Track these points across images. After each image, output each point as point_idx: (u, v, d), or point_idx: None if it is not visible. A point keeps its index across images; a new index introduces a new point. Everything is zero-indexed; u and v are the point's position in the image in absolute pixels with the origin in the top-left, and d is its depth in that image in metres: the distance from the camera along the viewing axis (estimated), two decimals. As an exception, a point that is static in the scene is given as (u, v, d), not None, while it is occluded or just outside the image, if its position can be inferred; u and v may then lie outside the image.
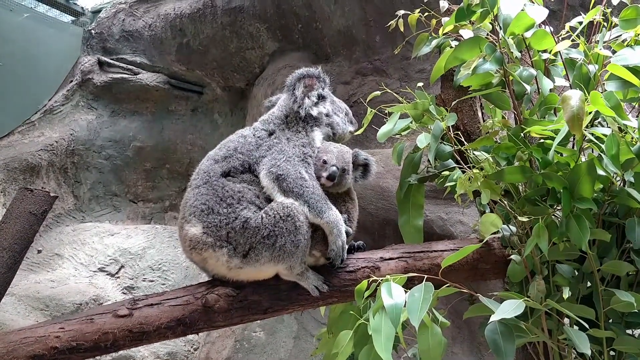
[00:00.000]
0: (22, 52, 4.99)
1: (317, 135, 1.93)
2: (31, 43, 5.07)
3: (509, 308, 1.45)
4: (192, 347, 3.85)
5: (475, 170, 1.78)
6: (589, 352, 1.48)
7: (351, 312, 1.73)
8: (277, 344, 3.62)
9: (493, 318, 1.43)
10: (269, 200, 1.74)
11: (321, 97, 1.97)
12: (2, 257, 1.76)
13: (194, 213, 1.72)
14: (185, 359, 3.86)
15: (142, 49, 5.42)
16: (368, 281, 1.57)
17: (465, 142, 1.96)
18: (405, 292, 1.51)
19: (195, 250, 1.71)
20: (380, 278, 1.55)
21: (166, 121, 5.22)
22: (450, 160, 1.99)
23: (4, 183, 4.33)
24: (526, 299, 1.51)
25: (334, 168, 1.84)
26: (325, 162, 1.86)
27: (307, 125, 1.92)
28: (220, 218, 1.68)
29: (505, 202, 1.84)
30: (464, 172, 1.88)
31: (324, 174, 1.84)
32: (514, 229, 1.89)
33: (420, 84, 2.05)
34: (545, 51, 1.84)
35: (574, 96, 1.46)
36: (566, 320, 1.79)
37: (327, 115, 1.97)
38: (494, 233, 1.91)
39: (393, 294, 1.47)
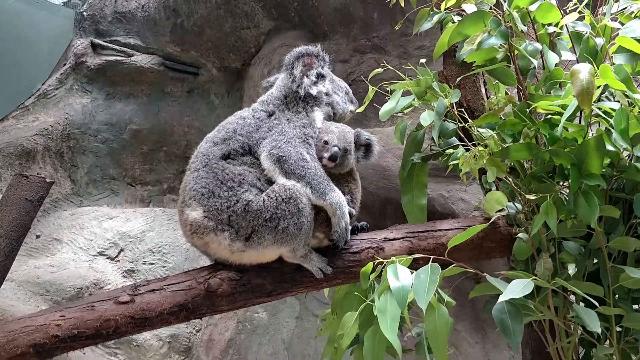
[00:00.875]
0: (13, 35, 4.90)
1: (318, 115, 1.89)
2: (22, 26, 4.97)
3: (518, 287, 1.43)
4: (194, 328, 3.86)
5: (480, 148, 1.74)
6: (599, 330, 1.47)
7: (356, 292, 1.71)
8: (280, 325, 3.62)
9: (502, 298, 1.41)
10: (270, 182, 1.71)
11: (320, 76, 1.92)
12: (-1, 245, 1.73)
13: (194, 197, 1.69)
14: (187, 341, 3.87)
15: (136, 30, 5.32)
16: (373, 263, 1.54)
17: (469, 119, 1.92)
18: (411, 272, 1.49)
19: (196, 234, 1.68)
20: (386, 260, 1.52)
21: (162, 103, 5.15)
22: (454, 138, 1.96)
23: (0, 169, 4.28)
24: (534, 277, 1.49)
25: (336, 148, 1.80)
26: (326, 142, 1.82)
27: (307, 105, 1.87)
28: (221, 201, 1.65)
29: (511, 180, 1.81)
30: (468, 149, 1.85)
31: (326, 155, 1.80)
32: (519, 206, 1.86)
33: (423, 60, 2.01)
34: (550, 24, 1.79)
35: (583, 70, 1.42)
36: (572, 298, 1.78)
37: (327, 94, 1.92)
38: (499, 211, 1.89)
39: (399, 275, 1.45)
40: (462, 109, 2.03)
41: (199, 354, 3.75)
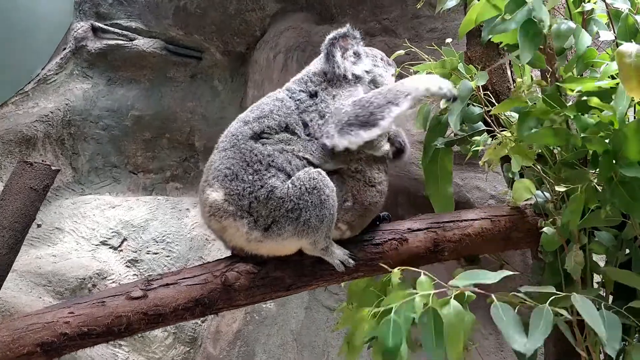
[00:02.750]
0: (10, 18, 4.77)
1: (361, 91, 1.80)
2: (20, 9, 4.83)
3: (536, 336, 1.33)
4: (199, 319, 3.79)
5: (505, 134, 1.65)
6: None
7: (371, 288, 1.63)
8: (288, 315, 3.55)
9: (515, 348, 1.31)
10: (302, 166, 1.62)
11: (357, 55, 1.84)
12: (2, 237, 1.64)
13: (217, 177, 1.61)
14: (192, 332, 3.80)
15: (137, 13, 5.19)
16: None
17: (495, 103, 1.83)
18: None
19: (214, 217, 1.61)
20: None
21: (165, 88, 5.03)
22: (480, 122, 1.86)
23: (0, 156, 4.18)
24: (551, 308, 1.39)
25: None
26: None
27: (350, 82, 1.79)
28: (244, 185, 1.57)
29: (539, 168, 1.72)
30: (493, 136, 1.77)
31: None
32: (547, 194, 1.78)
33: (449, 40, 1.91)
34: (587, 1, 1.69)
35: (631, 50, 1.31)
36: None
37: (368, 72, 1.85)
38: (527, 200, 1.81)
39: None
40: (488, 92, 1.94)
41: (206, 345, 3.69)
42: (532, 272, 1.87)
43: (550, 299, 1.38)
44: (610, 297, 1.69)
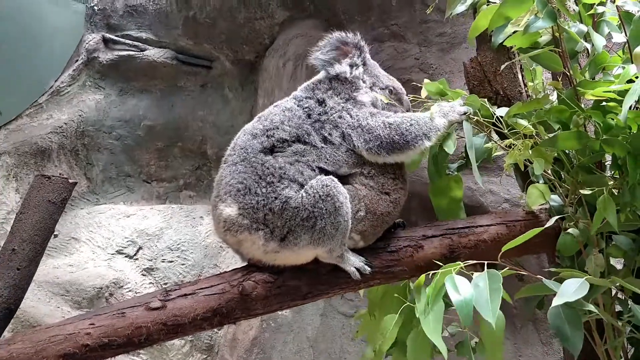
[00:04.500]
0: (24, 31, 4.83)
1: (366, 97, 1.81)
2: (33, 22, 4.90)
3: (572, 289, 1.33)
4: (211, 329, 3.81)
5: (527, 140, 1.64)
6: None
7: (395, 294, 1.63)
8: (304, 322, 3.55)
9: (556, 302, 1.31)
10: (314, 175, 1.62)
11: (355, 66, 1.81)
12: (23, 250, 1.66)
13: (229, 192, 1.61)
14: (209, 339, 3.82)
15: (148, 24, 5.24)
16: (428, 275, 1.46)
17: (506, 107, 1.82)
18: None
19: (230, 232, 1.61)
20: (439, 271, 1.42)
21: (176, 98, 5.07)
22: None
23: (16, 168, 4.24)
24: (589, 276, 1.39)
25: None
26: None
27: (351, 88, 1.79)
28: (258, 199, 1.58)
29: (555, 171, 1.72)
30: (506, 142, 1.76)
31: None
32: (558, 199, 1.77)
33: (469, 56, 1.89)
34: (598, 4, 1.68)
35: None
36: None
37: (364, 81, 1.83)
38: (541, 205, 1.80)
39: (459, 288, 1.35)
40: (498, 96, 1.94)
41: (223, 353, 3.70)
42: (549, 278, 1.86)
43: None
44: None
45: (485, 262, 1.41)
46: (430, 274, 1.46)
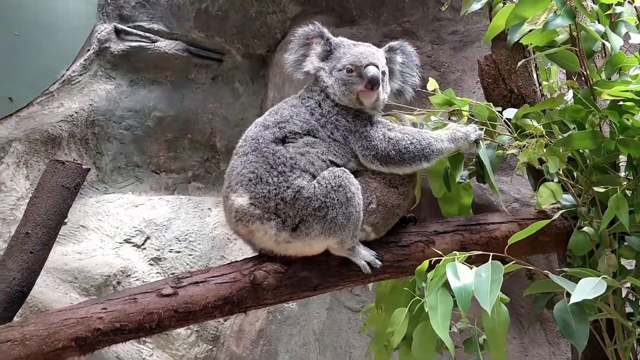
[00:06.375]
0: (36, 20, 4.85)
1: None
2: (45, 11, 4.91)
3: (588, 287, 1.33)
4: (222, 318, 3.83)
5: (541, 140, 1.64)
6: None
7: (405, 288, 1.64)
8: (310, 315, 3.56)
9: (574, 299, 1.32)
10: (325, 167, 1.63)
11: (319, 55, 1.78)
12: (36, 234, 1.68)
13: (240, 182, 1.61)
14: (215, 330, 3.84)
15: (160, 15, 5.25)
16: (430, 261, 1.46)
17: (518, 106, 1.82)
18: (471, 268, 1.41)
19: (241, 222, 1.62)
20: (442, 257, 1.44)
21: (186, 90, 5.08)
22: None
23: (26, 155, 4.26)
24: (604, 276, 1.39)
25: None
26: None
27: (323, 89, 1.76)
28: (270, 188, 1.58)
29: (563, 171, 1.72)
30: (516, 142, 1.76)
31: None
32: (570, 198, 1.77)
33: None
34: (616, 4, 1.68)
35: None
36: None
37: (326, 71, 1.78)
38: (553, 204, 1.79)
39: (460, 274, 1.36)
40: (512, 95, 1.94)
41: (229, 344, 3.72)
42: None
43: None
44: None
45: (491, 254, 1.41)
46: (433, 261, 1.46)
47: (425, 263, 1.46)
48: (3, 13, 4.67)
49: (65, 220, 3.96)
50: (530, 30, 1.71)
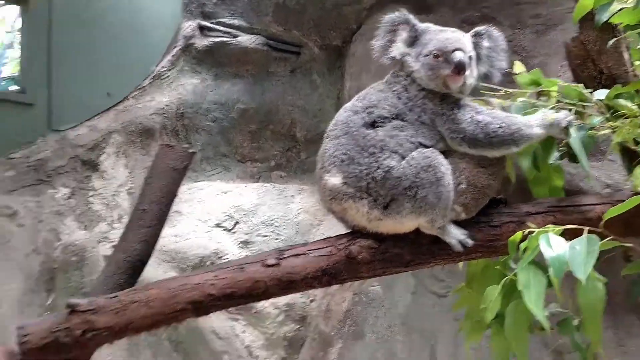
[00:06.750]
0: (129, 22, 5.23)
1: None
2: (136, 13, 5.28)
3: None
4: (308, 298, 4.03)
5: (636, 118, 1.62)
6: None
7: (497, 267, 1.67)
8: (395, 299, 3.65)
9: None
10: (414, 149, 1.69)
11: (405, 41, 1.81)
12: (152, 210, 1.87)
13: (333, 163, 1.71)
14: (302, 310, 4.03)
15: (240, 11, 5.46)
16: (523, 232, 1.49)
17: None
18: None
19: (335, 200, 1.71)
20: (536, 229, 1.46)
21: (266, 83, 5.28)
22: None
23: (124, 145, 4.62)
24: None
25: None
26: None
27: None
28: (361, 168, 1.67)
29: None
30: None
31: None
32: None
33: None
34: None
35: None
36: None
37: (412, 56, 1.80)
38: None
39: (553, 245, 1.39)
40: (601, 76, 1.90)
41: (318, 322, 3.89)
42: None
43: None
44: None
45: (586, 228, 1.42)
46: (526, 232, 1.48)
47: (519, 234, 1.49)
48: (101, 16, 5.07)
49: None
50: (620, 9, 1.69)
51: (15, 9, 5.24)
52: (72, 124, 4.66)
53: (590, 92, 1.80)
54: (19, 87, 4.92)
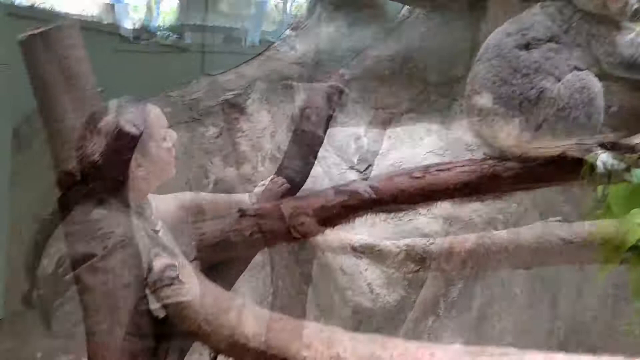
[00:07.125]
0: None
1: None
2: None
3: None
4: (428, 241, 4.12)
5: None
6: None
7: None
8: (521, 244, 3.61)
9: None
10: (568, 72, 1.70)
11: None
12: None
13: (484, 85, 1.77)
14: (422, 251, 4.11)
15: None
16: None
17: None
18: None
19: (484, 121, 1.78)
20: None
21: (402, 27, 5.29)
22: None
23: (267, 92, 4.96)
24: None
25: None
26: None
27: None
28: (513, 88, 1.71)
29: None
30: None
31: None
32: None
33: None
34: None
35: None
36: None
37: None
38: None
39: None
40: None
41: (440, 261, 3.98)
42: None
43: None
44: None
45: None
46: None
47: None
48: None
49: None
50: None
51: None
52: (222, 70, 5.14)
53: None
54: (177, 35, 5.61)
